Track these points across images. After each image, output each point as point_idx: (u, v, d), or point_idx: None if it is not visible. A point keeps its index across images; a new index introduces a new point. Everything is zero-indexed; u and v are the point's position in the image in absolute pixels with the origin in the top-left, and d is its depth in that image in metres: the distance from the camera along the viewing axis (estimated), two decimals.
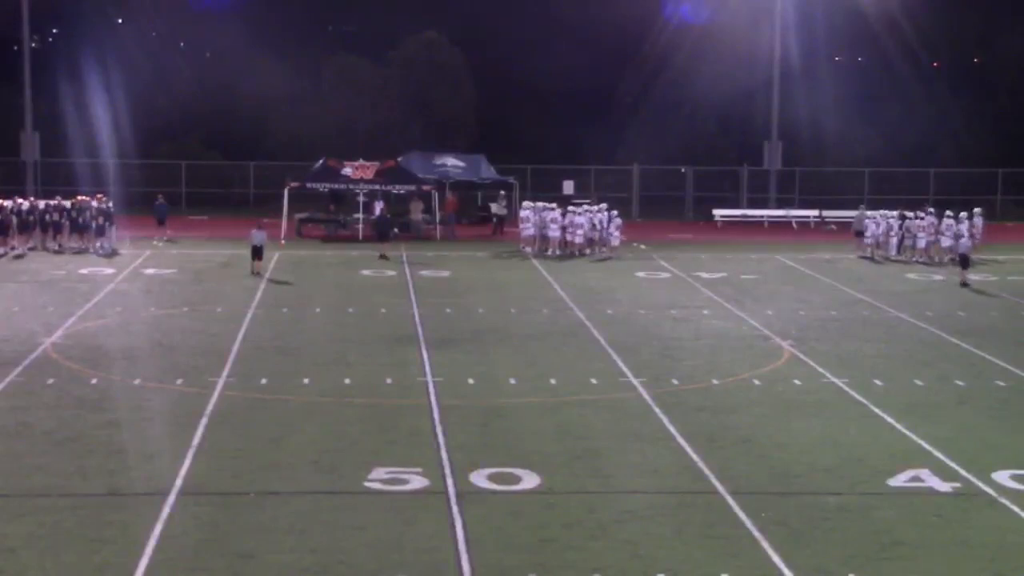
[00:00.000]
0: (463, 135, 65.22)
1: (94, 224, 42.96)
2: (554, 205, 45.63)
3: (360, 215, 48.23)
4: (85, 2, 70.77)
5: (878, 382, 24.78)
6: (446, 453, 19.38)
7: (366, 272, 39.35)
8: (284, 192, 48.39)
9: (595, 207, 46.02)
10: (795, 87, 63.30)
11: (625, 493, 17.76)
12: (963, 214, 44.16)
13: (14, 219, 42.41)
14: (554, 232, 44.48)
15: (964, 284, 38.25)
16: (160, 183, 55.43)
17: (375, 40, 69.45)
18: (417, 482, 17.96)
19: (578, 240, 44.48)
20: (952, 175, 61.43)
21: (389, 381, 24.31)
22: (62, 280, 36.24)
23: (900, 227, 44.64)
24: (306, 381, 24.13)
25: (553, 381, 24.45)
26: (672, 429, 21.05)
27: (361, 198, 48.31)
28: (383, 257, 42.00)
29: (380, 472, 18.29)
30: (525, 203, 45.97)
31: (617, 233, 44.58)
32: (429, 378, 24.48)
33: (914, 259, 44.01)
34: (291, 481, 17.99)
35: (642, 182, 60.71)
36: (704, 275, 39.41)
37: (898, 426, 21.52)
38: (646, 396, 23.34)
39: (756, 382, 24.73)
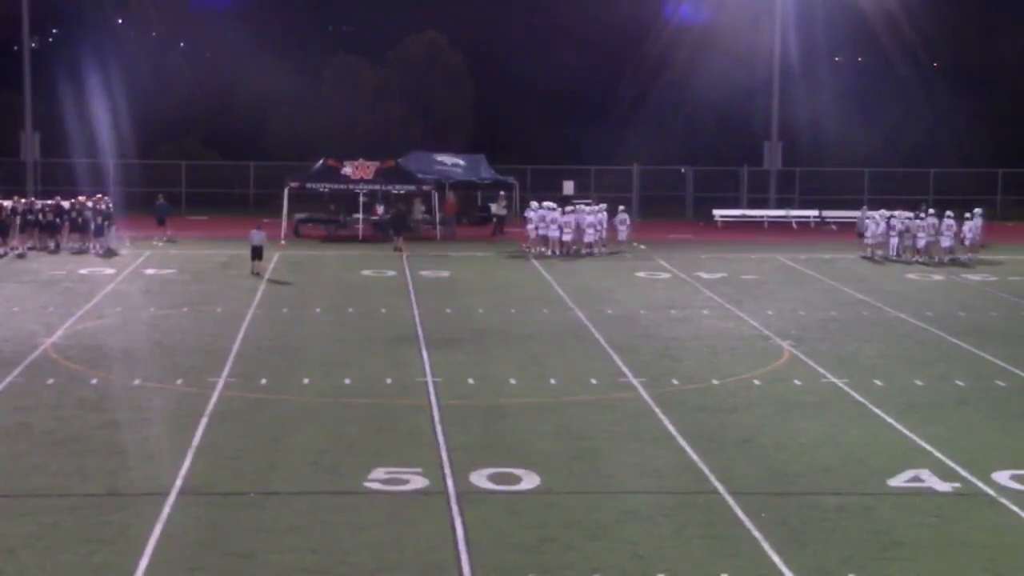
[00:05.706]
0: (463, 135, 65.19)
1: (93, 224, 42.95)
2: (553, 205, 45.67)
3: (360, 215, 48.27)
4: (85, 2, 70.74)
5: (878, 382, 24.78)
6: (446, 453, 19.38)
7: (366, 272, 39.35)
8: (284, 192, 48.40)
9: (595, 207, 46.14)
10: (795, 87, 63.29)
11: (625, 493, 17.76)
12: (967, 214, 44.29)
13: (16, 220, 42.38)
14: (554, 232, 44.52)
15: None
16: (160, 183, 55.34)
17: (375, 40, 69.47)
18: (417, 482, 17.96)
19: (588, 239, 44.67)
20: (952, 175, 61.33)
21: (389, 381, 24.31)
22: (62, 280, 36.22)
23: (898, 226, 44.52)
24: (306, 381, 24.13)
25: (553, 381, 24.45)
26: (672, 429, 21.04)
27: (361, 198, 48.33)
28: (398, 250, 43.21)
29: (380, 472, 18.28)
30: (533, 203, 45.88)
31: (624, 228, 45.23)
32: (429, 378, 24.47)
33: (914, 259, 44.01)
34: (291, 481, 17.99)
35: (642, 182, 60.59)
36: (704, 275, 39.40)
37: (898, 426, 21.52)
38: (646, 396, 23.33)
39: (756, 382, 24.73)
